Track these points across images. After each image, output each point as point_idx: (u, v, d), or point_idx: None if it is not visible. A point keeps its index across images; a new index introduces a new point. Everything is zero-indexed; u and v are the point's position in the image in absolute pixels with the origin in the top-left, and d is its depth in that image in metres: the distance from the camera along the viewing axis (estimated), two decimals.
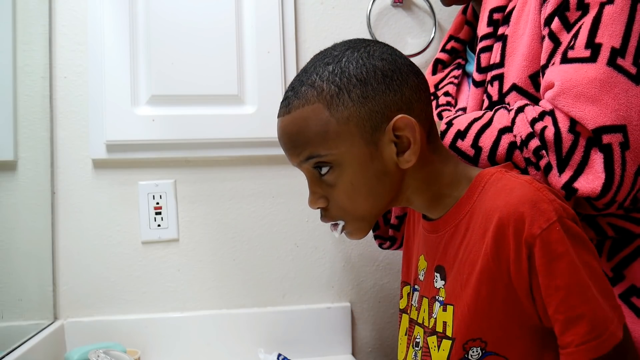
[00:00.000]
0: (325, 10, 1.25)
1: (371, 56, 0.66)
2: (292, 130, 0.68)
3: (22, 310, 1.04)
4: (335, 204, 0.70)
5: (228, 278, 1.20)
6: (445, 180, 0.70)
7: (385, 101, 0.65)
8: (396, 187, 0.69)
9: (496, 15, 0.85)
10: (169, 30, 1.16)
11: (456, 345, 0.66)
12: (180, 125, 1.16)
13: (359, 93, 0.65)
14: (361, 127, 0.65)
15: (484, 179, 0.68)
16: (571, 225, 0.61)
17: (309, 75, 0.67)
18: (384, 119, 0.65)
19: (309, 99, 0.66)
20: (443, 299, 0.69)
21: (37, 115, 1.12)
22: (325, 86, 0.65)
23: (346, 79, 0.65)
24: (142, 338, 1.14)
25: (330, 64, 0.66)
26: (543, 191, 0.62)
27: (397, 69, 0.66)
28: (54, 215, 1.15)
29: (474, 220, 0.66)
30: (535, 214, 0.60)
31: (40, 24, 1.13)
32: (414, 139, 0.65)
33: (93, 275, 1.16)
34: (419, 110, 0.67)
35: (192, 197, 1.20)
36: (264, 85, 1.19)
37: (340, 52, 0.68)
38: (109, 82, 1.14)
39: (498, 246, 0.62)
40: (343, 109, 0.65)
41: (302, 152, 0.68)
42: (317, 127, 0.65)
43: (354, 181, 0.67)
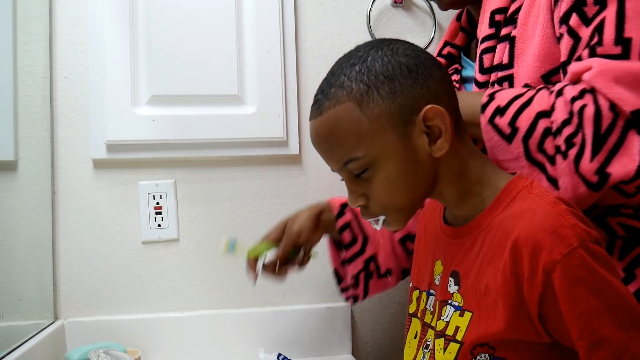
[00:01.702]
0: (325, 10, 1.25)
1: (395, 53, 0.68)
2: (326, 131, 0.69)
3: (22, 310, 1.04)
4: (374, 201, 0.70)
5: (228, 278, 1.20)
6: (473, 176, 0.71)
7: (414, 95, 0.66)
8: (431, 177, 0.70)
9: (498, 17, 0.85)
10: (169, 30, 1.16)
11: (464, 349, 0.66)
12: (180, 125, 1.16)
13: (387, 89, 0.66)
14: (393, 122, 0.66)
15: (511, 193, 0.68)
16: (595, 249, 0.61)
17: (336, 77, 0.69)
18: (414, 111, 0.66)
19: (339, 99, 0.67)
20: (459, 304, 0.70)
21: (38, 115, 1.12)
22: (354, 85, 0.66)
23: (374, 77, 0.66)
24: (142, 338, 1.14)
25: (356, 64, 0.68)
26: (565, 215, 0.62)
27: (421, 63, 0.68)
28: (54, 215, 1.15)
29: (491, 235, 0.67)
30: (555, 240, 0.60)
31: (40, 24, 1.13)
32: (445, 127, 0.67)
33: (93, 275, 1.16)
34: (446, 101, 0.68)
35: (192, 197, 1.20)
36: (264, 85, 1.19)
37: (364, 52, 0.69)
38: (109, 82, 1.14)
39: (515, 266, 0.63)
40: (374, 106, 0.66)
41: (340, 156, 0.69)
42: (350, 127, 0.66)
43: (391, 176, 0.68)
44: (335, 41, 1.25)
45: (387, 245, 0.97)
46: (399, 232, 0.96)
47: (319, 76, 1.24)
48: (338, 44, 1.25)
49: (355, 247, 0.98)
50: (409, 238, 0.96)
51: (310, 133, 0.71)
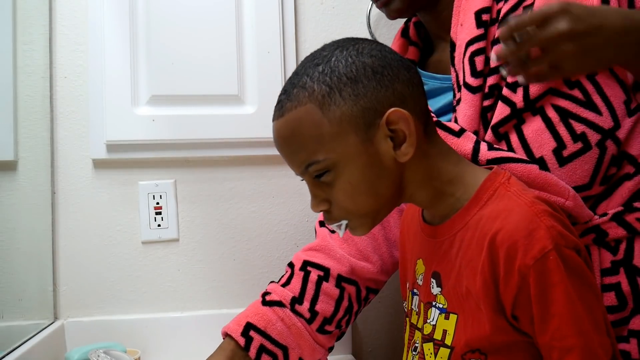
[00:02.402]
0: (325, 10, 1.25)
1: (360, 54, 0.66)
2: (287, 133, 0.67)
3: (22, 310, 1.04)
4: (337, 205, 0.69)
5: (228, 278, 1.20)
6: (445, 177, 0.69)
7: (377, 97, 0.64)
8: (396, 182, 0.68)
9: (485, 17, 0.83)
10: (169, 30, 1.16)
11: (454, 354, 0.66)
12: (180, 125, 1.16)
13: (350, 91, 0.64)
14: (355, 126, 0.64)
15: (488, 191, 0.67)
16: (569, 255, 0.60)
17: (300, 77, 0.67)
18: (377, 115, 0.64)
19: (300, 100, 0.65)
20: (443, 306, 0.69)
21: (37, 115, 1.12)
22: (316, 87, 0.65)
23: (336, 78, 0.65)
24: (142, 338, 1.14)
25: (319, 65, 0.66)
26: (542, 217, 0.61)
27: (387, 64, 0.66)
28: (54, 215, 1.15)
29: (469, 234, 0.66)
30: (529, 242, 0.60)
31: (40, 24, 1.13)
32: (409, 132, 0.65)
33: (93, 275, 1.16)
34: (413, 103, 0.66)
35: (192, 197, 1.20)
36: (264, 85, 1.19)
37: (329, 52, 0.67)
38: (109, 82, 1.14)
39: (492, 267, 0.62)
40: (335, 108, 0.64)
41: (301, 160, 0.67)
42: (311, 129, 0.65)
43: (352, 181, 0.66)
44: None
45: (308, 340, 0.90)
46: (315, 323, 0.90)
47: None
48: None
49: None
50: (326, 323, 0.91)
51: (273, 134, 0.70)
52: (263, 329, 0.87)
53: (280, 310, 0.89)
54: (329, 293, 0.91)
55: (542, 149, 0.78)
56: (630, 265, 0.75)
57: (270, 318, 0.88)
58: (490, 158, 0.78)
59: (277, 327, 0.88)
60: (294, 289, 0.91)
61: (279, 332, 0.88)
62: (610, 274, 0.75)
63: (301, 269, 0.93)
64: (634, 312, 0.74)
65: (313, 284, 0.91)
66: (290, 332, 0.89)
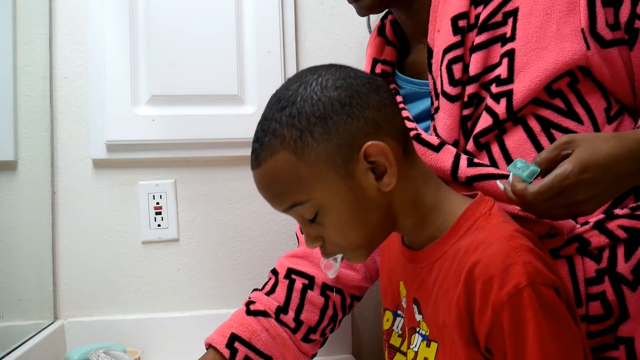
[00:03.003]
0: (325, 10, 1.25)
1: (325, 88, 0.64)
2: (267, 182, 0.67)
3: (22, 310, 1.04)
4: (329, 242, 0.68)
5: (228, 278, 1.20)
6: (428, 202, 0.68)
7: (350, 131, 0.63)
8: (385, 211, 0.67)
9: (461, 23, 0.82)
10: (169, 30, 1.16)
11: None
12: (180, 125, 1.16)
13: (321, 131, 0.62)
14: (333, 164, 0.63)
15: (467, 222, 0.66)
16: (545, 293, 0.59)
17: (269, 122, 0.65)
18: (354, 149, 0.63)
19: (274, 149, 0.64)
20: (426, 333, 0.69)
21: (37, 115, 1.12)
22: (287, 132, 0.63)
23: (305, 120, 0.63)
24: (142, 338, 1.14)
25: (286, 107, 0.64)
26: (519, 252, 0.60)
27: (354, 93, 0.64)
28: (54, 215, 1.15)
29: (447, 264, 0.65)
30: (505, 278, 0.59)
31: (40, 24, 1.13)
32: (388, 163, 0.64)
33: (93, 275, 1.16)
34: (388, 127, 0.65)
35: (192, 197, 1.20)
36: (264, 85, 1.19)
37: (293, 91, 0.65)
38: (109, 82, 1.14)
39: (468, 299, 0.62)
40: (309, 151, 0.62)
41: (283, 202, 0.67)
42: (290, 176, 0.64)
43: (341, 217, 0.65)
44: (336, 41, 1.25)
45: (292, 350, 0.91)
46: (299, 333, 0.90)
47: None
48: (338, 44, 1.25)
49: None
50: (311, 332, 0.91)
51: (254, 181, 0.69)
52: (248, 340, 0.87)
53: (265, 320, 0.89)
54: (314, 302, 0.91)
55: (523, 159, 0.78)
56: (614, 273, 0.74)
57: (255, 329, 0.88)
58: (469, 175, 0.77)
59: (261, 338, 0.88)
60: (278, 298, 0.91)
61: (264, 342, 0.88)
62: (595, 283, 0.74)
63: (285, 277, 0.93)
64: (620, 320, 0.74)
65: (298, 292, 0.91)
66: (274, 343, 0.89)
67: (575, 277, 0.75)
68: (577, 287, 0.74)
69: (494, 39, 0.80)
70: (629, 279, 0.74)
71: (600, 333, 0.74)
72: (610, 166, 0.65)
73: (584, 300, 0.74)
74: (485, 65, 0.80)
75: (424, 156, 0.80)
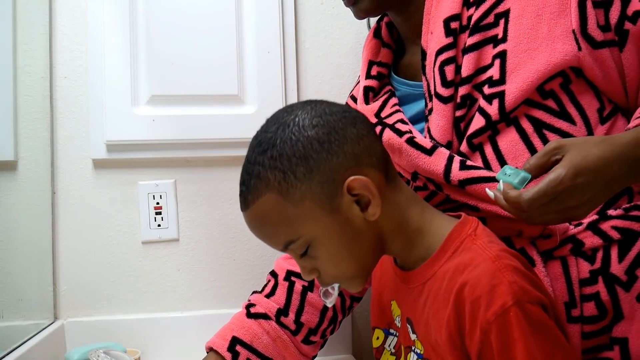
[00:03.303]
0: (325, 10, 1.25)
1: (302, 128, 0.66)
2: (257, 223, 0.69)
3: (22, 310, 1.04)
4: (324, 274, 0.70)
5: (228, 278, 1.20)
6: (414, 225, 0.70)
7: (331, 167, 0.65)
8: (375, 238, 0.69)
9: (453, 24, 0.82)
10: (169, 30, 1.16)
11: None
12: (180, 125, 1.16)
13: (303, 170, 0.64)
14: (318, 201, 0.65)
15: (454, 243, 0.67)
16: (532, 310, 0.60)
17: (253, 166, 0.67)
18: (337, 184, 0.65)
19: (259, 191, 0.66)
20: (420, 352, 0.70)
21: (37, 115, 1.12)
22: (270, 174, 0.65)
23: (286, 161, 0.65)
24: (142, 338, 1.14)
25: (267, 150, 0.66)
26: (504, 272, 0.61)
27: (331, 129, 0.66)
28: (54, 215, 1.15)
29: (437, 285, 0.67)
30: (491, 298, 0.60)
31: (40, 24, 1.13)
32: (371, 194, 0.66)
33: (93, 275, 1.16)
34: (368, 157, 0.67)
35: (192, 197, 1.20)
36: (264, 85, 1.19)
37: (272, 133, 0.67)
38: (109, 82, 1.14)
39: (458, 320, 0.63)
40: (294, 190, 0.65)
41: (278, 242, 0.69)
42: (278, 216, 0.66)
43: (332, 250, 0.67)
44: (335, 41, 1.25)
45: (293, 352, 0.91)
46: (300, 335, 0.91)
47: (319, 76, 1.25)
48: (338, 44, 1.25)
49: None
50: (311, 334, 0.92)
51: (246, 223, 0.71)
52: (249, 343, 0.87)
53: (265, 323, 0.90)
54: (314, 304, 0.92)
55: (516, 160, 0.78)
56: (608, 274, 0.74)
57: (256, 331, 0.89)
58: (462, 179, 0.77)
59: (262, 341, 0.88)
60: (278, 301, 0.91)
61: (265, 345, 0.88)
62: (589, 283, 0.75)
63: (285, 279, 0.93)
64: (614, 320, 0.74)
65: (298, 294, 0.91)
66: (275, 345, 0.89)
67: (569, 277, 0.75)
68: (571, 287, 0.75)
69: (485, 41, 0.80)
70: (622, 279, 0.74)
71: (595, 334, 0.74)
72: (602, 170, 0.65)
73: (578, 301, 0.74)
74: (478, 66, 0.81)
75: (417, 159, 0.81)
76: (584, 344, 0.74)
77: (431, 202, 0.85)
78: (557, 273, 0.75)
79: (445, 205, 0.84)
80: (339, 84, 1.25)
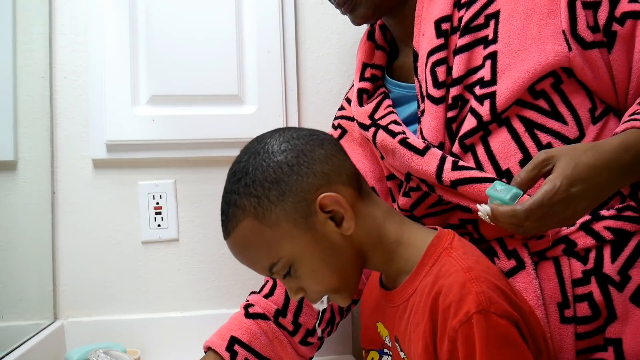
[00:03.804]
0: (325, 10, 1.25)
1: (271, 154, 0.69)
2: (239, 250, 0.72)
3: (22, 310, 1.04)
4: (310, 290, 0.72)
5: (228, 278, 1.20)
6: (392, 237, 0.72)
7: (302, 188, 0.67)
8: (353, 252, 0.71)
9: (444, 26, 0.82)
10: (169, 30, 1.16)
11: None
12: (180, 125, 1.16)
13: (276, 194, 0.67)
14: (293, 221, 0.67)
15: (432, 256, 0.69)
16: (497, 322, 0.60)
17: (229, 195, 0.71)
18: (309, 203, 0.67)
19: (237, 218, 0.69)
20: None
21: (37, 115, 1.12)
22: (246, 201, 0.68)
23: (260, 187, 0.68)
24: (142, 338, 1.14)
25: (241, 179, 0.70)
26: (473, 283, 0.63)
27: (300, 152, 0.69)
28: (54, 215, 1.15)
29: (417, 300, 0.68)
30: (459, 307, 0.61)
31: (40, 24, 1.13)
32: (344, 209, 0.68)
33: (93, 275, 1.16)
34: (337, 176, 0.69)
35: (192, 197, 1.20)
36: (264, 85, 1.19)
37: (245, 162, 0.70)
38: (109, 82, 1.14)
39: (433, 330, 0.64)
40: (269, 214, 0.67)
41: (263, 268, 0.71)
42: (257, 240, 0.69)
43: (313, 267, 0.70)
44: (335, 41, 1.25)
45: (290, 353, 0.91)
46: (298, 335, 0.92)
47: (319, 76, 1.25)
48: (338, 44, 1.25)
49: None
50: (309, 335, 0.92)
51: (230, 251, 0.74)
52: (247, 343, 0.88)
53: (264, 323, 0.90)
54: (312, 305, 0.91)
55: (508, 160, 0.78)
56: (601, 274, 0.74)
57: (254, 331, 0.89)
58: (453, 179, 0.78)
59: (261, 341, 0.89)
60: (277, 301, 0.92)
61: (263, 345, 0.88)
62: (581, 284, 0.75)
63: None
64: (608, 321, 0.74)
65: None
66: (272, 346, 0.89)
67: (561, 278, 0.75)
68: (564, 288, 0.75)
69: (476, 42, 0.81)
70: (615, 279, 0.74)
71: (588, 334, 0.74)
72: (594, 178, 0.65)
73: (571, 302, 0.74)
74: (469, 67, 0.81)
75: (410, 160, 0.81)
76: (577, 345, 0.74)
77: (424, 203, 0.85)
78: (550, 273, 0.75)
79: (438, 207, 0.85)
80: (339, 84, 1.25)
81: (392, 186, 0.94)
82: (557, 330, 0.74)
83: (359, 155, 0.97)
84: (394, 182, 0.93)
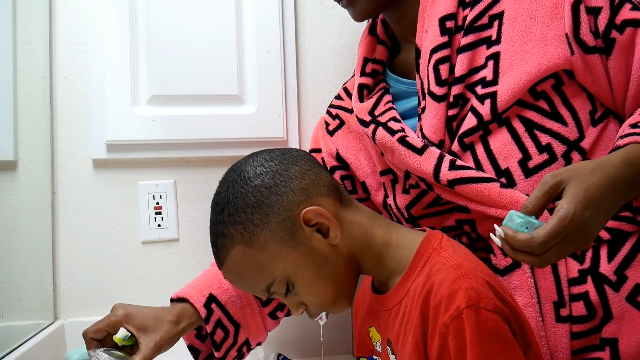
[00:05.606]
0: (325, 10, 1.25)
1: (247, 180, 0.70)
2: (235, 277, 0.73)
3: (22, 310, 1.04)
4: (310, 304, 0.73)
5: None
6: (380, 240, 0.72)
7: (283, 207, 0.68)
8: (344, 260, 0.72)
9: (449, 24, 0.82)
10: (169, 30, 1.16)
11: None
12: (180, 125, 1.16)
13: (259, 217, 0.68)
14: (280, 240, 0.69)
15: (422, 258, 0.69)
16: (487, 317, 0.61)
17: (216, 226, 0.72)
18: (293, 220, 0.69)
19: (227, 247, 0.70)
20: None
21: (37, 115, 1.12)
22: (232, 229, 0.69)
23: (242, 213, 0.69)
24: None
25: (224, 208, 0.71)
26: (462, 279, 0.63)
27: (275, 173, 0.70)
28: (54, 215, 1.15)
29: (409, 301, 0.68)
30: (449, 302, 0.62)
31: (40, 24, 1.13)
32: (327, 219, 0.69)
33: (93, 275, 1.16)
34: (316, 189, 0.70)
35: (192, 197, 1.20)
36: (264, 85, 1.19)
37: (225, 192, 0.72)
38: (109, 82, 1.14)
39: (423, 328, 0.65)
40: (256, 237, 0.69)
41: (260, 289, 0.72)
42: (250, 265, 0.70)
43: (308, 281, 0.71)
44: (335, 41, 1.25)
45: (257, 322, 0.93)
46: (268, 307, 0.93)
47: (319, 76, 1.25)
48: (338, 44, 1.25)
49: (228, 341, 0.90)
50: (279, 309, 0.94)
51: (226, 279, 0.75)
52: (224, 304, 0.89)
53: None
54: None
55: (507, 160, 0.78)
56: (597, 274, 0.74)
57: (232, 294, 0.90)
58: (451, 179, 0.78)
59: (236, 304, 0.89)
60: None
61: (237, 309, 0.89)
62: (577, 283, 0.75)
63: None
64: (604, 320, 0.74)
65: None
66: (244, 312, 0.90)
67: (558, 277, 0.75)
68: (560, 287, 0.75)
69: (479, 41, 0.81)
70: (612, 279, 0.74)
71: (585, 334, 0.74)
72: (603, 198, 0.64)
73: (567, 301, 0.74)
74: (471, 66, 0.81)
75: (408, 159, 0.82)
76: (573, 345, 0.74)
77: (422, 201, 0.86)
78: (546, 272, 0.75)
79: (436, 207, 0.85)
80: (339, 84, 1.25)
81: (385, 181, 0.93)
82: (553, 329, 0.74)
83: (354, 149, 0.97)
84: (387, 177, 0.93)
